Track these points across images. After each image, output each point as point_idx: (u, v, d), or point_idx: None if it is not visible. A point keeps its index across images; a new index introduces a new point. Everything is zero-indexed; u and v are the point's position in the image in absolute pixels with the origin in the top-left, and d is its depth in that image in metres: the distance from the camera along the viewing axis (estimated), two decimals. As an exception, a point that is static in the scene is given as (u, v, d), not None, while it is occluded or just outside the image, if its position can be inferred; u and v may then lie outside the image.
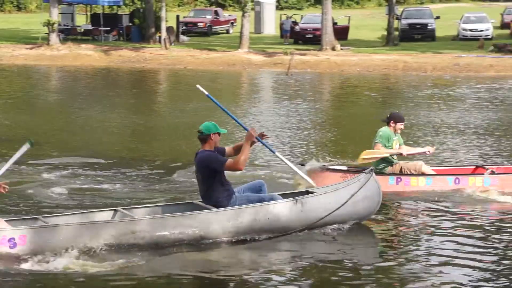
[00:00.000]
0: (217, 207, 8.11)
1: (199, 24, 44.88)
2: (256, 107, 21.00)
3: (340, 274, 7.28)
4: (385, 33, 39.50)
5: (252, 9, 44.00)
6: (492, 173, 10.32)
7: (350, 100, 23.56)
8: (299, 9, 60.44)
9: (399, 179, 10.26)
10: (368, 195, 8.41)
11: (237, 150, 8.30)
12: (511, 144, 14.43)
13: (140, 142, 15.21)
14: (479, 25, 40.48)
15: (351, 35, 40.76)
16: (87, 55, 35.85)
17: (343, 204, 8.17)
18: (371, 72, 31.93)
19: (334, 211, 8.14)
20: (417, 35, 40.19)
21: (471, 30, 40.24)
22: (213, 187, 8.15)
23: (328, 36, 36.44)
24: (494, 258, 7.72)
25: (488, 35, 39.64)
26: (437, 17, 41.73)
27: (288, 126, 17.07)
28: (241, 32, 37.61)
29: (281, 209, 8.01)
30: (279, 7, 55.36)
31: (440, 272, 7.30)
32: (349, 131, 16.90)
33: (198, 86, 8.66)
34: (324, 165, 10.52)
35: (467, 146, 14.62)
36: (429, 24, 40.60)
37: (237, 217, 7.87)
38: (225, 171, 8.19)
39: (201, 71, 32.50)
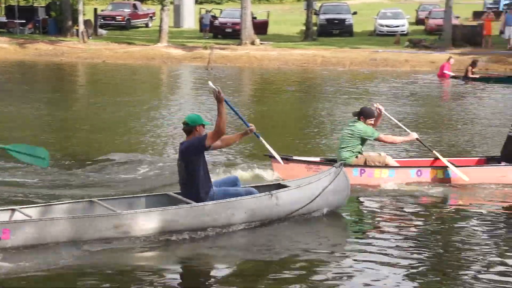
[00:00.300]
0: (196, 200, 8.09)
1: (117, 17, 44.36)
2: (175, 101, 20.88)
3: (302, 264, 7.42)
4: (304, 28, 39.90)
5: (171, 3, 43.74)
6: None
7: (270, 94, 23.66)
8: (219, 3, 60.35)
9: (362, 171, 10.35)
10: (338, 189, 8.73)
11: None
12: (432, 137, 14.71)
13: (56, 136, 14.89)
14: (395, 21, 41.35)
15: (271, 30, 41.00)
16: (2, 48, 34.98)
17: (315, 198, 8.47)
18: (290, 66, 32.21)
19: (306, 204, 8.44)
20: (335, 30, 40.75)
21: (387, 26, 41.07)
22: (196, 175, 8.07)
23: (248, 30, 36.59)
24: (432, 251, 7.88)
25: (404, 31, 40.53)
26: (355, 13, 42.41)
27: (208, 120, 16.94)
28: (160, 26, 37.39)
29: (257, 203, 8.20)
30: (198, 1, 55.25)
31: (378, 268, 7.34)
32: (271, 125, 16.96)
33: (210, 83, 8.47)
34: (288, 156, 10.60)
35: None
36: (346, 20, 41.23)
37: (216, 212, 7.99)
38: (207, 151, 8.20)
39: (119, 65, 32.12)
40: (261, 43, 36.67)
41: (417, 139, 10.83)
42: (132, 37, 39.64)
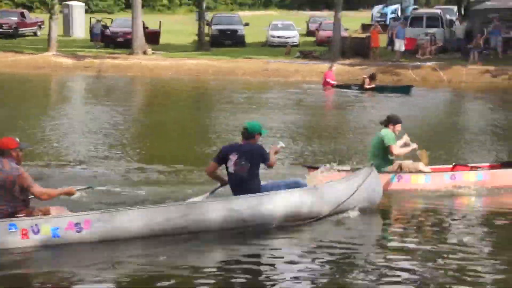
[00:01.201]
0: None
1: (4, 25, 43.05)
2: (63, 110, 20.40)
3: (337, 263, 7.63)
4: (196, 38, 39.88)
5: (61, 11, 42.83)
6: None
7: (163, 104, 23.51)
8: (110, 12, 59.63)
9: (400, 177, 10.55)
10: (371, 187, 9.20)
11: None
12: (324, 145, 14.93)
13: None
14: (286, 32, 41.96)
15: (163, 40, 40.78)
16: None
17: (354, 193, 8.93)
18: (183, 76, 32.10)
19: (345, 200, 8.87)
20: (227, 40, 40.94)
21: (278, 37, 41.61)
22: (254, 176, 8.78)
23: (139, 40, 36.27)
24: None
25: (295, 42, 41.17)
26: (246, 24, 42.78)
27: (96, 130, 16.62)
28: (49, 35, 36.55)
29: (307, 197, 8.74)
30: (89, 11, 54.32)
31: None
32: (163, 133, 16.84)
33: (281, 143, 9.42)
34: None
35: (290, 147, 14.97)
36: (238, 31, 41.53)
37: (272, 203, 8.47)
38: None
39: (6, 73, 31.16)
40: (153, 53, 36.43)
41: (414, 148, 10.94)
42: (20, 46, 38.56)
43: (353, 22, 48.59)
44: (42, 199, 7.72)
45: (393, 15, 47.33)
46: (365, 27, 46.21)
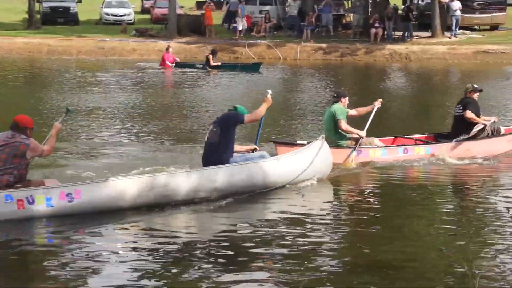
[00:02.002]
0: (220, 163, 9.19)
1: None
2: None
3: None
4: (27, 16, 38.34)
5: None
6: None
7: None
8: None
9: (359, 151, 11.24)
10: (323, 157, 9.88)
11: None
12: (156, 125, 14.86)
13: None
14: (121, 10, 41.23)
15: (-10, 17, 38.87)
16: None
17: (309, 165, 9.60)
18: (14, 55, 30.81)
19: (305, 169, 9.57)
20: (60, 18, 39.63)
21: (113, 15, 40.81)
22: (225, 144, 9.29)
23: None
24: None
25: (130, 20, 40.55)
26: (79, 1, 41.62)
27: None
28: None
29: (270, 167, 9.37)
30: None
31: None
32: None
33: (269, 91, 9.86)
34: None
35: (114, 128, 14.73)
36: (71, 8, 40.31)
37: (240, 173, 9.10)
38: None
39: None
40: (-20, 32, 34.66)
41: (362, 137, 11.41)
42: None
43: (187, -1, 48.49)
44: (51, 151, 8.51)
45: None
46: (199, 5, 46.26)
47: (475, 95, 12.09)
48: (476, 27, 37.16)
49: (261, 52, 32.35)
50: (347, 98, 11.56)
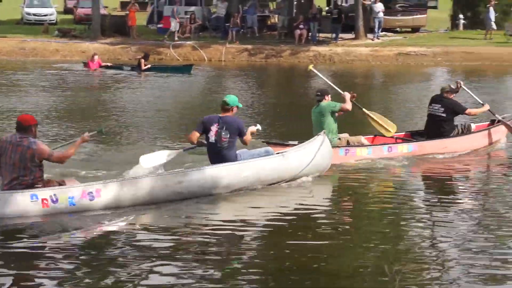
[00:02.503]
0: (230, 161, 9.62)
1: None
2: None
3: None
4: None
5: None
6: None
7: None
8: None
9: (347, 150, 11.63)
10: (324, 152, 10.31)
11: None
12: (72, 127, 14.68)
13: None
14: (43, 9, 40.46)
15: None
16: None
17: (312, 159, 10.04)
18: None
19: (308, 164, 10.03)
20: (-21, 18, 38.68)
21: (35, 15, 40.00)
22: (231, 146, 9.70)
23: None
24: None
25: (53, 20, 39.82)
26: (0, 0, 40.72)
27: None
28: None
29: (277, 163, 9.84)
30: None
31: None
32: None
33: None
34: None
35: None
36: (-9, 7, 39.38)
37: (248, 169, 9.62)
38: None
39: None
40: None
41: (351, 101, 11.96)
42: None
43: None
44: (62, 162, 8.74)
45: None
46: (124, 5, 45.78)
47: (452, 96, 12.52)
48: (398, 29, 37.94)
49: (186, 53, 32.24)
50: (330, 95, 11.87)
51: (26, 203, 8.33)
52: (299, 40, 33.61)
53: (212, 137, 9.73)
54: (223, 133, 9.67)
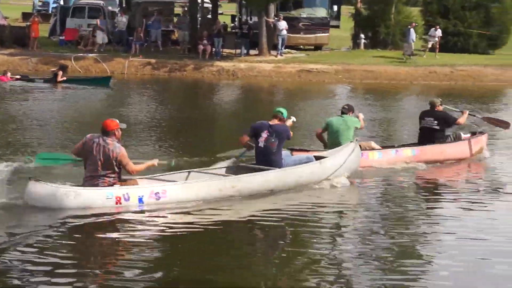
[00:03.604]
0: (277, 167, 10.77)
1: None
2: None
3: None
4: None
5: None
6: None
7: None
8: None
9: (362, 154, 12.32)
10: (356, 157, 11.65)
11: None
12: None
13: None
14: None
15: None
16: None
17: (343, 163, 11.30)
18: None
19: (339, 168, 11.25)
20: None
21: None
22: (280, 151, 10.90)
23: None
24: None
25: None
26: None
27: None
28: None
29: (316, 167, 11.09)
30: None
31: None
32: None
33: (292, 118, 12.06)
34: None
35: None
36: None
37: (291, 175, 10.78)
38: None
39: None
40: None
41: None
42: None
43: (14, 10, 46.86)
44: (133, 174, 9.68)
45: (55, 5, 46.46)
46: (25, 16, 44.80)
47: (441, 108, 13.74)
48: (301, 46, 38.51)
49: (88, 66, 31.76)
50: (353, 112, 12.96)
51: (103, 199, 9.37)
52: (203, 55, 33.65)
53: (261, 142, 10.88)
54: (273, 140, 10.85)
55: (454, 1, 40.13)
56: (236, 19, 44.01)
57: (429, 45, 36.54)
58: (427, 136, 13.50)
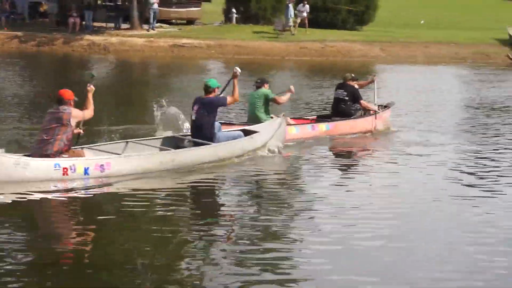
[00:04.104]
0: (208, 139, 11.27)
1: None
2: None
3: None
4: None
5: None
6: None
7: None
8: None
9: None
10: (282, 130, 12.38)
11: None
12: None
13: None
14: None
15: None
16: None
17: (272, 135, 12.06)
18: None
19: (268, 140, 11.99)
20: None
21: None
22: (210, 123, 11.31)
23: None
24: None
25: None
26: None
27: None
28: None
29: (246, 143, 11.74)
30: None
31: None
32: None
33: (237, 67, 11.93)
34: None
35: None
36: None
37: (226, 148, 11.42)
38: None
39: None
40: None
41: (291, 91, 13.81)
42: None
43: None
44: (91, 115, 10.29)
45: None
46: None
47: (354, 83, 14.58)
48: (173, 21, 38.25)
49: None
50: (268, 84, 13.59)
51: (50, 170, 9.68)
52: (73, 29, 32.79)
53: (193, 115, 11.32)
54: (201, 111, 11.24)
55: (322, -23, 40.93)
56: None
57: (298, 20, 37.15)
58: (338, 106, 14.57)
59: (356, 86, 14.65)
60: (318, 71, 26.41)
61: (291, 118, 14.11)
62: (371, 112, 14.54)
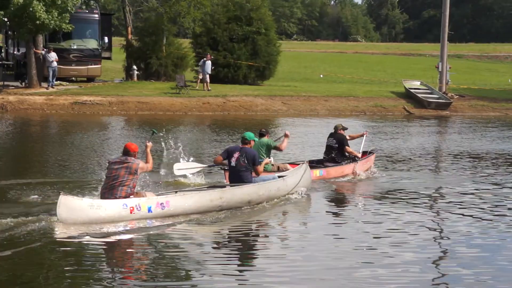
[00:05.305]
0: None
1: None
2: None
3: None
4: None
5: None
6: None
7: None
8: None
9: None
10: (307, 175, 13.84)
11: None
12: None
13: None
14: None
15: None
16: None
17: (299, 181, 13.48)
18: None
19: (296, 185, 13.43)
20: None
21: None
22: (249, 170, 12.73)
23: None
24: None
25: None
26: None
27: None
28: None
29: (280, 184, 13.18)
30: None
31: None
32: None
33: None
34: None
35: None
36: None
37: (263, 189, 12.78)
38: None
39: None
40: None
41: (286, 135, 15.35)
42: None
43: None
44: (152, 168, 11.89)
45: None
46: None
47: (343, 132, 16.42)
48: (73, 78, 37.74)
49: None
50: (268, 135, 15.52)
51: (119, 209, 10.98)
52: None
53: (233, 161, 12.82)
54: (242, 159, 12.75)
55: (222, 33, 41.45)
56: (2, 50, 42.26)
57: (200, 76, 37.31)
58: (329, 152, 16.46)
59: (348, 138, 16.60)
60: (220, 125, 26.45)
61: (289, 163, 15.70)
62: (356, 158, 16.39)
